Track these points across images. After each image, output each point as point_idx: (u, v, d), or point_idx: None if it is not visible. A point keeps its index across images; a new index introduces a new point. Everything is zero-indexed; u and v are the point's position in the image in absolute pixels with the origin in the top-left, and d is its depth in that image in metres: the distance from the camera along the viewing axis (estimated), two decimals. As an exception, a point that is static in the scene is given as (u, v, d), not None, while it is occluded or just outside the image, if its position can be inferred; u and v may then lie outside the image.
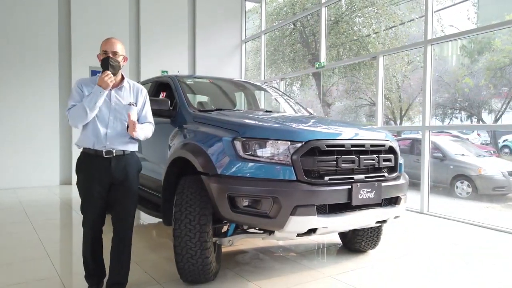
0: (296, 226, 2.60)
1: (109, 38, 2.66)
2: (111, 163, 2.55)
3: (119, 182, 2.59)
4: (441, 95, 14.67)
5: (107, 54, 2.56)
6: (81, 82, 2.63)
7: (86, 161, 2.57)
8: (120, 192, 2.60)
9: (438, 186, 8.77)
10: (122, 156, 2.60)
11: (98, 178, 2.53)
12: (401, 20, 11.62)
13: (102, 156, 2.53)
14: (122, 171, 2.58)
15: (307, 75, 13.26)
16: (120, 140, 2.58)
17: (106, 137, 2.54)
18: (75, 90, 2.58)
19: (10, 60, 7.67)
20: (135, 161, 2.71)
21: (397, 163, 3.16)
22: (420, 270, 3.41)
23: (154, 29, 9.23)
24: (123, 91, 2.66)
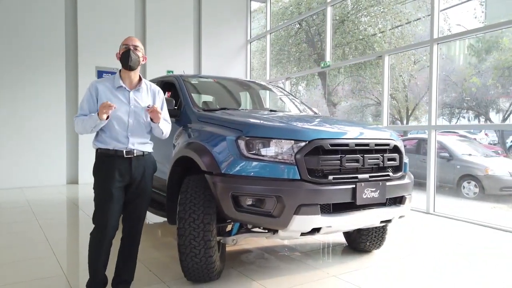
0: (299, 225, 2.60)
1: (131, 36, 2.64)
2: (132, 163, 2.52)
3: (137, 182, 2.56)
4: (448, 95, 14.55)
5: (128, 47, 2.52)
6: (95, 84, 2.57)
7: (106, 161, 2.50)
8: (135, 193, 2.58)
9: (444, 186, 8.71)
10: (142, 156, 2.58)
11: (118, 178, 2.48)
12: (407, 19, 11.54)
13: (123, 156, 2.49)
14: (141, 171, 2.56)
15: (313, 74, 13.23)
16: (139, 141, 2.57)
17: (127, 140, 2.51)
18: (86, 96, 2.54)
19: (17, 61, 7.74)
20: (152, 162, 2.71)
21: (402, 163, 3.14)
22: (425, 270, 3.39)
23: (160, 29, 9.27)
24: (141, 92, 2.63)
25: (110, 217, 2.45)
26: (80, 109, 2.53)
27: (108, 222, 2.45)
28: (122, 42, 2.58)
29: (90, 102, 2.52)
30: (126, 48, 2.53)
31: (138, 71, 2.62)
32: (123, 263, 2.67)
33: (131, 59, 2.50)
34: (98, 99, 2.51)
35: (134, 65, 2.53)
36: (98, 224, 2.49)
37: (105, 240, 2.49)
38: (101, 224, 2.47)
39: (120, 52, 2.55)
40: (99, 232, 2.48)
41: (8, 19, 7.67)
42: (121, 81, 2.57)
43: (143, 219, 2.70)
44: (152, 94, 2.69)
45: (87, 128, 2.47)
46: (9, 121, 7.70)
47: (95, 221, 2.50)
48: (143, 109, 2.57)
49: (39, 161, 7.93)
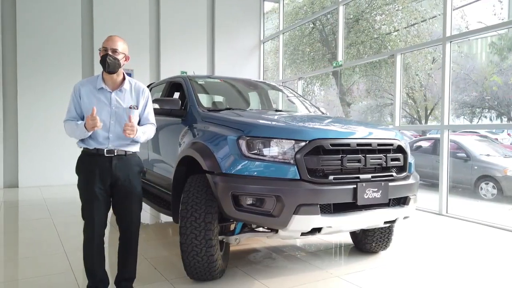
0: (299, 225, 2.60)
1: (111, 36, 2.58)
2: (112, 162, 2.52)
3: (120, 182, 2.54)
4: (469, 94, 14.23)
5: (107, 51, 2.49)
6: (78, 86, 2.56)
7: (87, 160, 2.53)
8: (122, 193, 2.57)
9: (460, 187, 8.52)
10: (124, 156, 2.57)
11: (99, 177, 2.49)
12: (422, 17, 11.33)
13: (104, 155, 2.50)
14: (123, 171, 2.55)
15: (328, 74, 13.14)
16: (122, 142, 2.56)
17: (108, 140, 2.52)
18: (71, 99, 2.55)
19: (38, 63, 7.96)
20: (136, 161, 2.67)
21: (406, 163, 3.10)
22: (432, 273, 3.33)
23: (174, 31, 9.39)
24: (124, 92, 2.59)
25: (96, 215, 2.49)
26: (68, 112, 2.55)
27: (94, 219, 2.50)
28: (103, 43, 2.53)
29: (76, 105, 2.54)
30: (105, 51, 2.49)
31: (120, 72, 2.59)
32: (122, 262, 2.69)
33: (109, 65, 2.48)
34: (81, 101, 2.52)
35: (113, 70, 2.50)
36: (86, 219, 2.54)
37: (94, 235, 2.52)
38: (88, 219, 2.53)
39: (99, 54, 2.53)
40: (88, 227, 2.53)
41: (28, 24, 7.91)
42: (103, 82, 2.56)
43: (137, 220, 2.67)
44: (136, 94, 2.64)
45: (76, 136, 2.50)
46: (28, 121, 7.92)
47: (83, 217, 2.55)
48: (125, 109, 2.55)
49: (57, 160, 8.08)
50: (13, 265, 3.49)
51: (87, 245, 2.56)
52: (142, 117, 2.68)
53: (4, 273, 3.34)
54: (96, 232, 2.53)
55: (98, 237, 2.55)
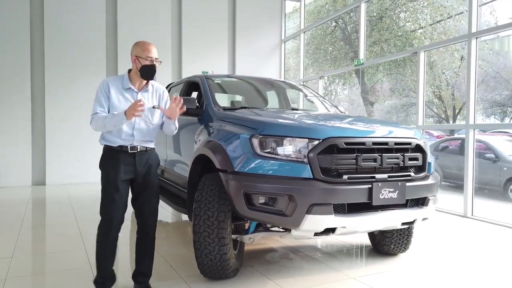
0: (312, 225, 2.56)
1: (149, 43, 2.66)
2: (135, 158, 2.62)
3: (141, 177, 2.64)
4: (500, 93, 13.70)
5: (153, 62, 2.60)
6: (107, 82, 2.64)
7: (111, 155, 2.61)
8: (142, 186, 2.67)
9: (488, 188, 8.21)
10: (145, 152, 2.68)
11: (123, 172, 2.58)
12: (448, 13, 10.98)
13: (128, 151, 2.60)
14: (144, 166, 2.65)
15: (350, 73, 12.95)
16: (144, 139, 2.67)
17: (132, 138, 2.61)
18: (101, 93, 2.61)
19: (64, 65, 8.21)
20: (155, 156, 2.79)
21: (425, 162, 3.00)
22: (453, 279, 3.21)
23: (196, 31, 9.47)
24: (148, 93, 2.71)
25: (116, 209, 2.56)
26: (98, 105, 2.59)
27: (113, 213, 2.55)
28: (140, 50, 2.61)
29: (106, 99, 2.60)
30: (151, 62, 2.59)
31: None
32: (140, 257, 2.76)
33: (153, 74, 2.61)
34: (110, 98, 2.60)
35: (153, 77, 2.64)
36: (104, 215, 2.59)
37: (110, 232, 2.57)
38: (107, 215, 2.57)
39: (142, 63, 2.59)
40: (105, 223, 2.57)
41: (55, 27, 8.17)
42: (130, 82, 2.66)
43: (155, 213, 2.75)
44: (157, 95, 2.76)
45: (109, 126, 2.53)
46: (57, 123, 8.19)
47: (102, 212, 2.60)
48: (149, 109, 2.66)
49: (81, 159, 8.33)
50: (41, 259, 3.62)
51: (102, 241, 2.61)
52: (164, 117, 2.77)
53: (33, 266, 3.46)
54: (113, 228, 2.58)
55: (114, 234, 2.60)
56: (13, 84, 7.90)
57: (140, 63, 2.59)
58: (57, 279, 3.05)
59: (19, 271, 3.22)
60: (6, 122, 7.87)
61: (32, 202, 6.28)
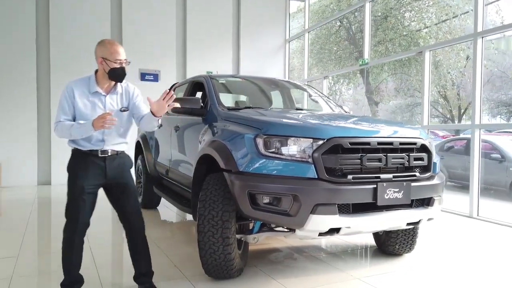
0: (316, 225, 2.56)
1: (116, 44, 2.54)
2: (106, 162, 2.54)
3: (115, 181, 2.58)
4: (506, 93, 13.61)
5: (122, 64, 2.50)
6: (71, 86, 2.51)
7: (80, 158, 2.53)
8: (119, 189, 2.61)
9: (493, 189, 8.16)
10: (116, 155, 2.60)
11: (92, 176, 2.50)
12: (453, 12, 10.91)
13: (98, 155, 2.52)
14: (116, 169, 2.58)
15: (355, 73, 12.91)
16: (114, 142, 2.58)
17: (102, 143, 2.53)
18: (65, 99, 2.47)
19: (69, 66, 8.23)
20: (128, 159, 2.71)
21: (430, 162, 2.99)
22: (458, 280, 3.19)
23: (200, 30, 9.49)
24: (117, 95, 2.60)
25: (81, 213, 2.48)
26: (62, 113, 2.48)
27: (78, 217, 2.48)
28: (107, 51, 2.48)
29: (70, 106, 2.48)
30: (120, 64, 2.49)
31: None
32: (135, 259, 2.73)
33: (123, 78, 2.53)
34: (75, 104, 2.48)
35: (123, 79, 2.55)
36: (69, 218, 2.51)
37: (75, 236, 2.51)
38: (72, 219, 2.50)
39: (111, 66, 2.47)
40: (70, 228, 2.51)
41: (60, 26, 8.22)
42: (97, 86, 2.54)
43: (138, 213, 2.69)
44: (127, 96, 2.65)
45: (75, 136, 2.45)
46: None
47: (67, 216, 2.52)
48: (117, 112, 2.55)
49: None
50: (46, 259, 3.65)
51: (67, 245, 2.54)
52: (135, 113, 2.67)
53: (38, 266, 3.49)
54: (78, 232, 2.51)
55: (79, 238, 2.54)
56: (19, 85, 7.95)
57: (108, 66, 2.47)
58: (62, 279, 3.06)
59: (24, 270, 3.24)
60: (12, 122, 7.93)
61: (37, 202, 6.32)
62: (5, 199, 6.67)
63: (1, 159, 7.81)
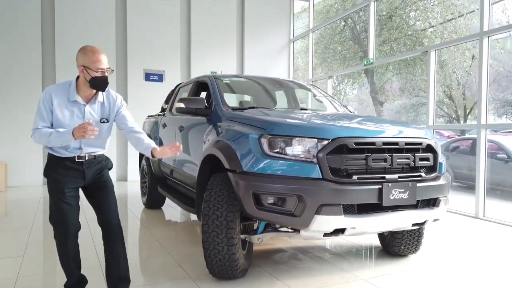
0: (321, 225, 2.55)
1: (98, 51, 2.42)
2: (83, 166, 2.49)
3: (93, 182, 2.55)
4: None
5: (104, 73, 2.41)
6: (50, 92, 2.41)
7: (57, 163, 2.46)
8: (96, 188, 2.57)
9: (500, 189, 8.10)
10: (94, 159, 2.55)
11: (70, 178, 2.45)
12: (459, 11, 10.84)
13: (74, 160, 2.47)
14: (94, 172, 2.55)
15: (359, 72, 12.86)
16: (92, 150, 2.53)
17: (80, 151, 2.48)
18: (43, 105, 2.38)
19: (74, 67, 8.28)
20: (106, 160, 2.66)
21: (436, 163, 2.96)
22: (464, 281, 3.17)
23: (204, 30, 9.50)
24: (97, 104, 2.52)
25: (68, 217, 2.43)
26: (40, 120, 2.38)
27: (66, 222, 2.43)
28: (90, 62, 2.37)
29: (48, 113, 2.40)
30: (102, 73, 2.39)
31: None
32: (112, 263, 2.60)
33: (105, 88, 2.46)
34: (53, 111, 2.39)
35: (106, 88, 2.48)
36: (57, 225, 2.47)
37: (68, 241, 2.46)
38: (60, 225, 2.45)
39: (92, 75, 2.37)
40: (60, 233, 2.47)
41: (65, 27, 8.26)
42: (76, 94, 2.44)
43: (116, 213, 2.60)
44: (109, 105, 2.57)
45: (54, 144, 2.37)
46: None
47: (53, 222, 2.48)
48: (97, 123, 2.47)
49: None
50: (52, 258, 3.62)
51: (62, 250, 2.50)
52: (118, 123, 2.64)
53: (44, 265, 3.51)
54: (70, 236, 2.46)
55: (72, 241, 2.49)
56: (24, 85, 8.00)
57: (89, 74, 2.37)
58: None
59: (30, 269, 3.26)
60: (17, 123, 7.97)
61: (43, 202, 6.35)
62: (11, 199, 6.71)
63: (7, 160, 7.86)
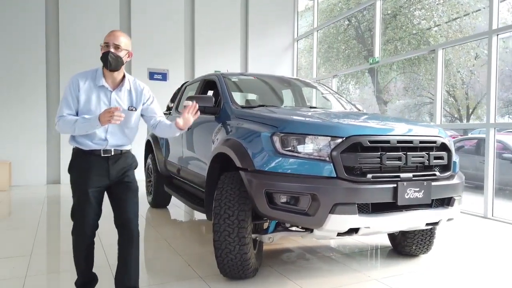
0: (335, 225, 2.51)
1: (114, 30, 2.39)
2: (109, 162, 2.38)
3: (118, 181, 2.43)
4: (518, 91, 13.44)
5: (109, 48, 2.29)
6: (77, 78, 2.36)
7: (81, 158, 2.37)
8: (120, 189, 2.44)
9: (506, 189, 8.05)
10: (120, 155, 2.44)
11: (94, 176, 2.35)
12: (465, 10, 10.78)
13: (100, 155, 2.36)
14: (120, 170, 2.42)
15: (363, 72, 12.80)
16: (118, 142, 2.42)
17: (106, 142, 2.37)
18: (69, 93, 2.32)
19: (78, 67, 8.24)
20: (132, 158, 2.54)
21: (450, 161, 2.92)
22: (476, 280, 3.13)
23: (208, 30, 9.46)
24: (124, 92, 2.42)
25: (88, 215, 2.36)
26: (65, 107, 2.32)
27: (85, 220, 2.36)
28: (104, 38, 2.34)
29: (74, 100, 2.33)
30: (107, 48, 2.30)
31: (122, 70, 2.40)
32: (123, 267, 2.50)
33: (110, 63, 2.29)
34: (79, 98, 2.33)
35: (115, 68, 2.32)
36: (76, 222, 2.40)
37: (84, 239, 2.40)
38: (79, 222, 2.38)
39: (101, 52, 2.32)
40: (78, 230, 2.40)
41: (70, 29, 8.23)
42: (103, 79, 2.37)
43: (137, 217, 2.50)
44: (136, 94, 2.47)
45: (79, 131, 2.29)
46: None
47: (74, 219, 2.41)
48: (124, 111, 2.35)
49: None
50: (59, 257, 3.63)
51: (77, 247, 2.44)
52: (146, 116, 2.55)
53: (51, 264, 3.48)
54: (87, 234, 2.40)
55: (88, 240, 2.43)
56: (29, 83, 7.97)
57: (100, 52, 2.33)
58: (75, 278, 3.04)
59: (38, 268, 3.23)
60: (22, 121, 7.95)
61: (47, 201, 6.32)
62: (15, 198, 6.68)
63: (11, 159, 7.83)
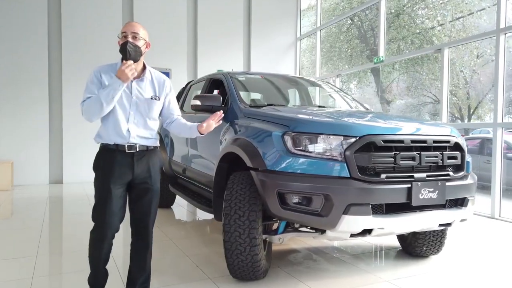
0: (349, 226, 2.47)
1: (130, 21, 2.39)
2: (134, 158, 2.33)
3: (141, 178, 2.37)
4: (521, 91, 13.41)
5: (127, 38, 2.27)
6: (99, 69, 2.37)
7: (107, 156, 2.33)
8: (142, 189, 2.39)
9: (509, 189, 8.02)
10: (145, 151, 2.38)
11: (119, 175, 2.30)
12: (469, 9, 10.73)
13: (125, 151, 2.31)
14: (144, 168, 2.37)
15: (365, 71, 12.76)
16: (142, 134, 2.37)
17: (128, 133, 2.31)
18: (92, 79, 2.33)
19: (81, 66, 8.16)
20: (158, 156, 2.49)
21: (464, 161, 2.89)
22: (487, 281, 3.09)
23: (211, 29, 9.42)
24: (145, 82, 2.40)
25: (109, 216, 2.29)
26: (87, 91, 2.32)
27: (106, 221, 2.29)
28: (121, 29, 2.33)
29: (96, 84, 2.32)
30: (125, 38, 2.28)
31: (141, 61, 2.39)
32: (135, 268, 2.49)
33: (129, 53, 2.25)
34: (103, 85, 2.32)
35: (134, 58, 2.28)
36: (98, 223, 2.34)
37: (105, 240, 2.34)
38: (101, 223, 2.32)
39: (119, 42, 2.31)
40: (99, 231, 2.33)
41: (72, 28, 8.18)
42: None
43: (153, 220, 2.47)
44: (158, 85, 2.45)
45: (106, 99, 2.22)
46: (78, 124, 8.20)
47: (94, 219, 2.35)
48: (146, 100, 2.36)
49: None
50: (65, 258, 3.58)
51: (95, 247, 2.38)
52: (166, 109, 2.52)
53: (58, 265, 3.43)
54: (107, 236, 2.33)
55: (108, 241, 2.36)
56: (31, 83, 7.92)
57: (119, 44, 2.31)
58: (83, 278, 2.99)
59: (44, 269, 3.19)
60: (24, 121, 7.90)
61: (50, 201, 6.27)
62: (18, 198, 6.64)
63: (13, 158, 7.78)
